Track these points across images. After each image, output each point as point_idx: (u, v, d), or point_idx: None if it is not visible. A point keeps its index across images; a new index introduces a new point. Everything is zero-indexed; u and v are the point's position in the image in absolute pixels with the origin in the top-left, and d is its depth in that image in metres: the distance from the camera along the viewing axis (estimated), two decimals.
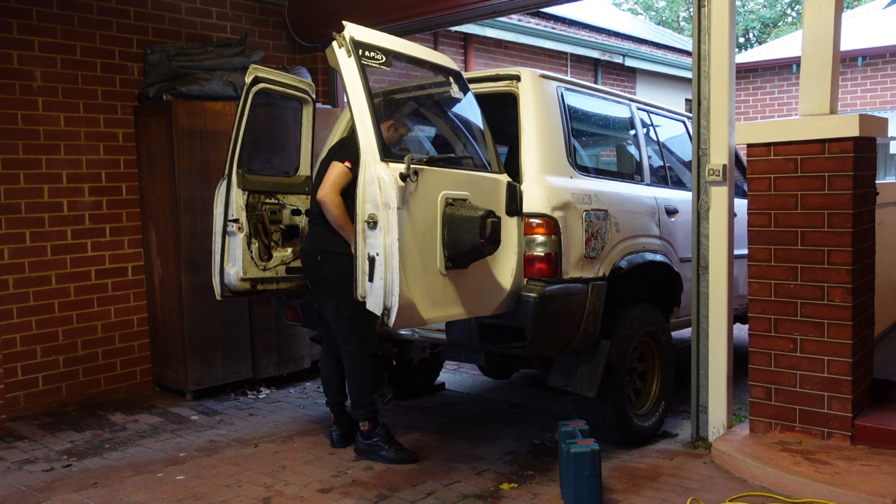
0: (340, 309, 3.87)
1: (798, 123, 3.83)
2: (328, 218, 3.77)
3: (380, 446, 3.99)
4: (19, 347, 4.90)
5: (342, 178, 3.74)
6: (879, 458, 3.56)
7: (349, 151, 3.72)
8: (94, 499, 3.58)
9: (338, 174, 3.74)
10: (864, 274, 3.88)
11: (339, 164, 3.75)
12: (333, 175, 3.74)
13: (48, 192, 5.00)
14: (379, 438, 4.00)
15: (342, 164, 3.74)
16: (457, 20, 6.10)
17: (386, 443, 4.00)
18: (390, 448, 3.98)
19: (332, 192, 3.72)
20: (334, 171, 3.74)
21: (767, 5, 27.42)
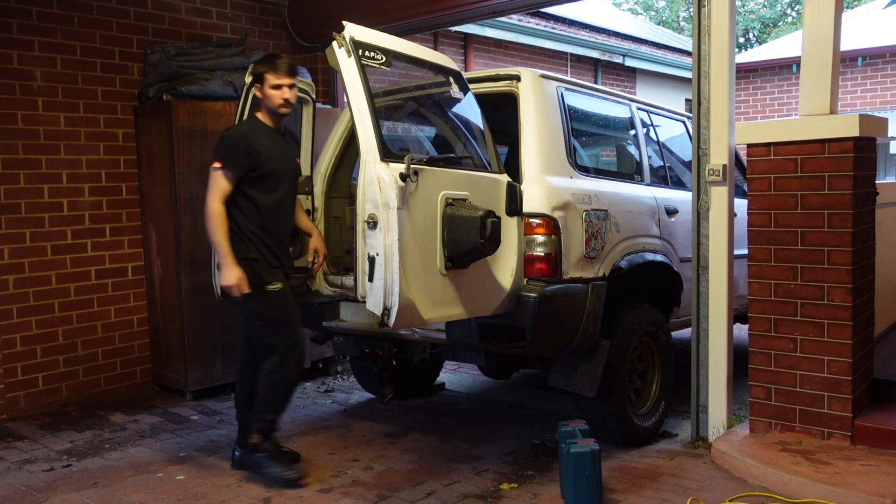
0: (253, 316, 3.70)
1: (798, 123, 3.83)
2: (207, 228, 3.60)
3: (265, 463, 3.70)
4: (19, 347, 4.90)
5: (217, 183, 3.56)
6: (879, 458, 3.56)
7: (218, 148, 3.62)
8: (94, 499, 3.58)
9: (213, 181, 3.57)
10: (864, 274, 3.88)
11: (212, 169, 3.57)
12: (210, 182, 3.57)
13: (48, 192, 4.99)
14: (266, 455, 3.71)
15: (213, 165, 3.58)
16: (457, 20, 6.10)
17: (272, 459, 3.71)
18: (276, 465, 3.69)
19: (211, 201, 3.55)
20: (210, 179, 3.58)
21: (767, 5, 27.41)
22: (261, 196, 3.64)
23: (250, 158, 3.57)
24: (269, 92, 3.65)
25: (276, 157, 3.67)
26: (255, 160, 3.58)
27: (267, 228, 3.66)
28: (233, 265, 3.52)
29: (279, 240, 3.72)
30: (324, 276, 4.35)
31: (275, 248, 3.68)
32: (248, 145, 3.58)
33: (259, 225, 3.64)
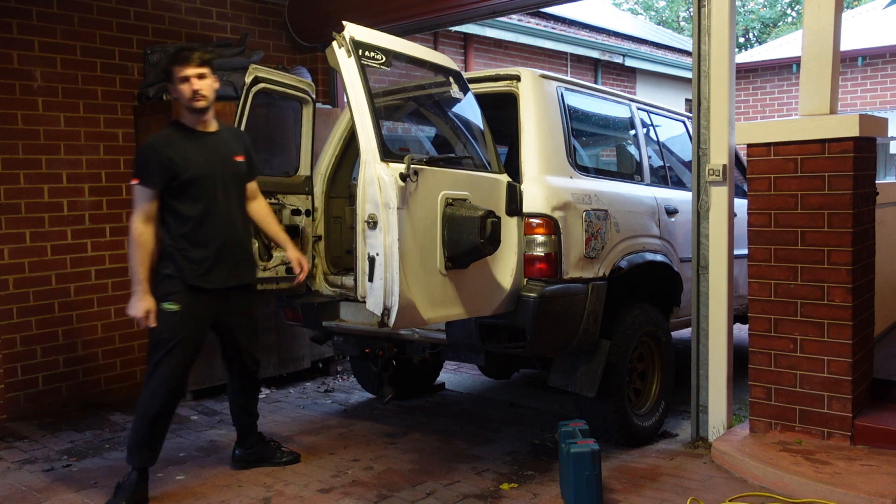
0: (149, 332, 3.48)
1: (798, 123, 3.83)
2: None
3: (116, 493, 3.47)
4: (19, 347, 4.90)
5: (137, 201, 3.36)
6: (879, 458, 3.56)
7: (134, 162, 3.42)
8: (94, 499, 3.58)
9: (134, 199, 3.37)
10: (864, 274, 3.88)
11: (132, 187, 3.37)
12: (134, 201, 3.38)
13: (48, 192, 4.99)
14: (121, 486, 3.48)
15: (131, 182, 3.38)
16: (457, 20, 6.10)
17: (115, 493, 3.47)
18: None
19: (133, 220, 3.35)
20: (133, 197, 3.38)
21: (767, 5, 27.41)
22: (185, 206, 3.38)
23: (164, 168, 3.32)
24: (177, 87, 3.39)
25: (197, 162, 3.39)
26: (171, 169, 3.33)
27: (194, 241, 3.39)
28: (142, 294, 3.32)
29: (212, 252, 3.43)
30: (324, 276, 4.36)
31: (202, 262, 3.40)
32: (160, 155, 3.33)
33: (184, 238, 3.39)
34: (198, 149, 3.42)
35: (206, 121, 3.49)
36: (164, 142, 3.39)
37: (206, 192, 3.40)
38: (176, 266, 3.38)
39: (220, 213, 3.45)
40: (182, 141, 3.40)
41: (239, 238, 3.55)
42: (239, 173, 3.56)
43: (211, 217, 3.42)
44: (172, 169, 3.32)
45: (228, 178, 3.49)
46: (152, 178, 3.33)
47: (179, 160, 3.34)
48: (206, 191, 3.40)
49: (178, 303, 3.39)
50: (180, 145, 3.38)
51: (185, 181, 3.35)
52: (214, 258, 3.42)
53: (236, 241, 3.52)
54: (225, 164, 3.50)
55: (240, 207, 3.57)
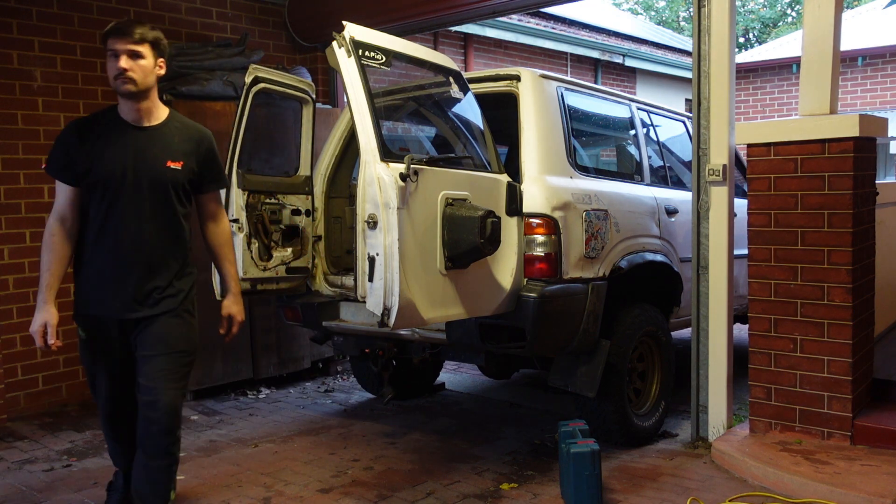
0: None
1: (798, 123, 3.83)
2: None
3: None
4: (19, 347, 4.90)
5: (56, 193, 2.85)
6: (879, 458, 3.56)
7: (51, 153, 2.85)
8: (94, 499, 3.58)
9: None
10: (864, 274, 3.88)
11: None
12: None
13: (48, 192, 4.99)
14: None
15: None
16: (457, 20, 6.10)
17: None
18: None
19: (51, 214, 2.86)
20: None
21: (767, 5, 27.41)
22: (92, 211, 2.84)
23: (65, 161, 2.79)
24: (107, 62, 2.83)
25: (108, 159, 2.77)
26: (72, 163, 2.78)
27: (91, 255, 2.88)
28: (41, 305, 2.85)
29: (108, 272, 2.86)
30: (324, 276, 4.36)
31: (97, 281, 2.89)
32: (64, 144, 2.81)
33: (88, 248, 2.89)
34: (117, 144, 2.81)
35: (141, 111, 2.85)
36: (79, 129, 2.82)
37: (114, 197, 2.79)
38: (79, 280, 2.95)
39: (125, 226, 2.81)
40: (103, 131, 2.82)
41: (148, 261, 2.86)
42: (162, 181, 2.85)
43: (111, 230, 2.81)
44: (73, 164, 2.78)
45: (146, 185, 2.82)
46: (55, 167, 2.82)
47: (83, 155, 2.76)
48: (114, 196, 2.79)
49: (81, 328, 2.97)
50: (97, 136, 2.80)
51: (91, 182, 2.79)
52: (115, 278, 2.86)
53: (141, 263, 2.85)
54: (144, 168, 2.82)
55: (160, 224, 2.88)
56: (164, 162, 2.86)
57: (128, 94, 2.80)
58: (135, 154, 2.82)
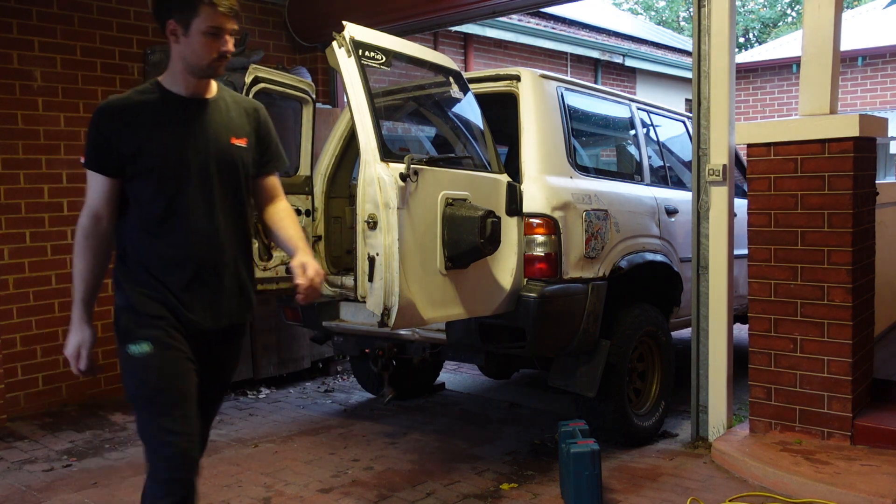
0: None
1: (798, 123, 3.83)
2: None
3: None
4: (19, 347, 4.90)
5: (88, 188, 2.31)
6: (879, 458, 3.56)
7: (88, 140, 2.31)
8: (94, 499, 3.58)
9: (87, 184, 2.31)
10: (864, 274, 3.88)
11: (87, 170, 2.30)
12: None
13: (48, 192, 4.99)
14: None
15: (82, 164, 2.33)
16: (457, 20, 6.10)
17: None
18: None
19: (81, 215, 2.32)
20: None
21: (767, 5, 27.41)
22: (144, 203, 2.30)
23: (109, 147, 2.26)
24: (193, 38, 2.24)
25: (168, 139, 2.29)
26: (120, 149, 2.25)
27: (153, 252, 2.34)
28: (77, 324, 2.39)
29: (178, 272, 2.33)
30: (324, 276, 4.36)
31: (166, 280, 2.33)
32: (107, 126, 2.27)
33: (142, 247, 2.35)
34: (172, 122, 2.32)
35: (201, 84, 2.35)
36: (118, 109, 2.31)
37: (175, 184, 2.29)
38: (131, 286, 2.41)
39: (194, 219, 2.32)
40: (149, 108, 2.32)
41: (224, 258, 2.38)
42: (231, 162, 2.39)
43: (177, 225, 2.31)
44: (117, 151, 2.25)
45: (214, 167, 2.34)
46: (96, 157, 2.28)
47: (128, 138, 2.26)
48: (174, 183, 2.29)
49: (146, 339, 2.31)
50: (143, 114, 2.30)
51: (142, 169, 2.27)
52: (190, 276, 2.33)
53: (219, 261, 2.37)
54: (210, 147, 2.35)
55: (231, 214, 2.41)
56: (228, 139, 2.40)
57: (216, 77, 2.38)
58: (197, 131, 2.33)
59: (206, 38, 2.24)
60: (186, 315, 2.33)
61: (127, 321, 2.38)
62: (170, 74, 2.34)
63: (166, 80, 2.34)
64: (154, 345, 2.29)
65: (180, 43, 2.26)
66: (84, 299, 2.41)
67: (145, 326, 2.32)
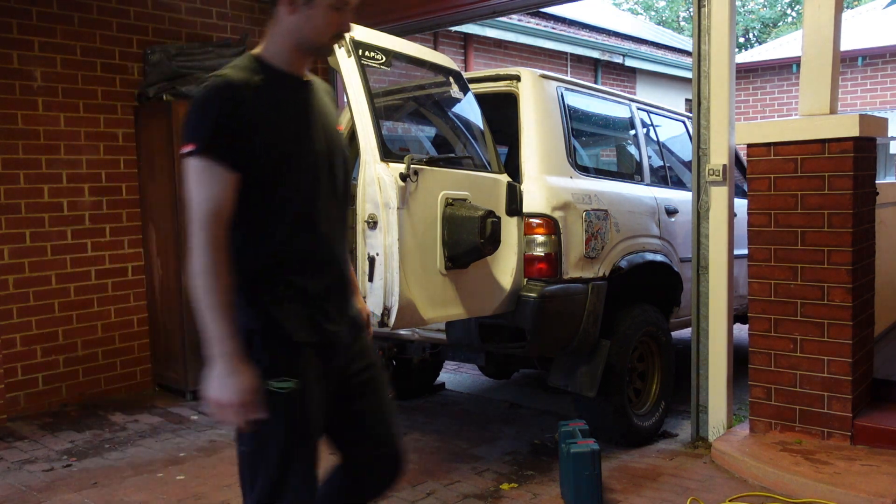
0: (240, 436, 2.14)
1: (798, 123, 3.83)
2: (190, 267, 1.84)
3: None
4: (19, 347, 4.90)
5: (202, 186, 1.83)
6: (879, 458, 3.56)
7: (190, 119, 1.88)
8: (94, 499, 3.58)
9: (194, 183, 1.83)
10: (864, 274, 3.88)
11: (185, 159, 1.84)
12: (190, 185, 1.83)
13: (48, 192, 4.99)
14: None
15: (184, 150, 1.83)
16: (457, 20, 6.10)
17: None
18: None
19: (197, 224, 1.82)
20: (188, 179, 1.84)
21: (767, 5, 27.41)
22: (281, 198, 1.92)
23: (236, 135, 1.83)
24: (322, 12, 1.91)
25: (297, 126, 1.96)
26: (251, 137, 1.84)
27: (293, 260, 1.96)
28: (233, 361, 1.87)
29: (318, 276, 1.99)
30: None
31: (308, 288, 1.96)
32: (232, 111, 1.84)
33: (275, 252, 1.93)
34: (296, 106, 1.98)
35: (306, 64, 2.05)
36: (246, 89, 1.86)
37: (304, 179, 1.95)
38: (267, 306, 1.93)
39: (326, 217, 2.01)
40: (271, 91, 1.92)
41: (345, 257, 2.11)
42: (343, 151, 2.12)
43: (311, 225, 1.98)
44: (246, 139, 1.84)
45: (335, 158, 2.05)
46: (220, 151, 1.82)
47: (257, 124, 1.86)
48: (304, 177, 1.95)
49: (293, 374, 1.93)
50: (270, 98, 1.91)
51: (276, 160, 1.89)
52: (327, 286, 2.01)
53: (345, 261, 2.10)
54: (328, 134, 2.04)
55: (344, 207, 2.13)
56: (336, 125, 2.13)
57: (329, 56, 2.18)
58: (315, 117, 2.03)
59: (330, 12, 1.92)
60: (329, 327, 2.00)
61: (265, 349, 1.93)
62: (272, 50, 1.97)
63: (269, 56, 1.96)
64: (300, 379, 1.93)
65: (297, 14, 1.91)
66: (231, 332, 1.86)
67: (289, 356, 1.94)
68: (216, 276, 1.81)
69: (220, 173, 1.81)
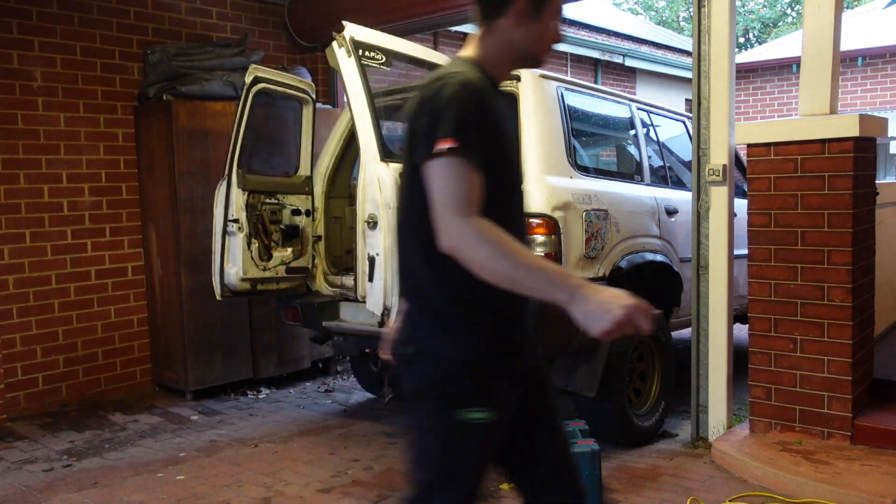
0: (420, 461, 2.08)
1: (798, 123, 3.83)
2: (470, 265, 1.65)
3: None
4: (19, 347, 4.90)
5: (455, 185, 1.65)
6: (879, 458, 3.56)
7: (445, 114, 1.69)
8: (94, 499, 3.58)
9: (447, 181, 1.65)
10: (864, 274, 3.88)
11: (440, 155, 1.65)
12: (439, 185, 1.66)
13: (48, 192, 4.99)
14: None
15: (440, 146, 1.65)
16: (457, 20, 6.10)
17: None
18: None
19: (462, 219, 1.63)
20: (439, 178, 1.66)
21: (767, 5, 27.42)
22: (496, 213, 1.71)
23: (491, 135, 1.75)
24: (549, 24, 1.90)
25: (512, 137, 1.91)
26: (495, 140, 1.76)
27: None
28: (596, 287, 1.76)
29: (520, 300, 1.89)
30: (324, 276, 4.36)
31: (513, 315, 1.93)
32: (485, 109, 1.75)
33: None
34: (507, 116, 1.91)
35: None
36: (489, 93, 1.79)
37: (511, 192, 1.86)
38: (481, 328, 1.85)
39: (519, 231, 1.87)
40: (493, 95, 1.84)
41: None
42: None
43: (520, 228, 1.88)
44: (495, 140, 1.76)
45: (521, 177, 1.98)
46: (478, 146, 1.69)
47: (497, 128, 1.79)
48: (511, 190, 1.86)
49: (489, 407, 1.82)
50: (496, 104, 1.82)
51: (500, 170, 1.78)
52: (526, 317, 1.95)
53: None
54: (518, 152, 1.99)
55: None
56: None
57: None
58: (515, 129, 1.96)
59: (555, 23, 1.89)
60: (525, 356, 1.92)
61: (468, 381, 1.81)
62: (488, 59, 1.89)
63: (485, 64, 1.88)
64: (496, 412, 1.82)
65: (524, 26, 1.86)
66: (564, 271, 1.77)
67: (492, 390, 1.83)
68: (509, 248, 1.65)
69: (474, 171, 1.67)
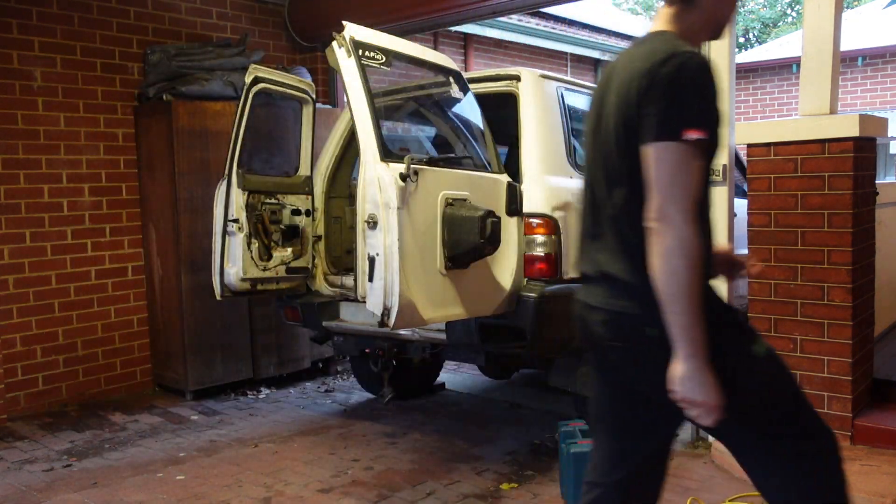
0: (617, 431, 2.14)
1: (798, 123, 3.83)
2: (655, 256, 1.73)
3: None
4: (19, 347, 4.90)
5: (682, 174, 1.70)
6: (879, 458, 3.56)
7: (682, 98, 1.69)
8: (94, 499, 3.58)
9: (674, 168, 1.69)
10: (864, 274, 3.88)
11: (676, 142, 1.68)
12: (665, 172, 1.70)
13: (48, 192, 4.99)
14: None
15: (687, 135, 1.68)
16: (457, 20, 6.11)
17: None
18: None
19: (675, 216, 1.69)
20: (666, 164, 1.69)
21: (767, 5, 27.41)
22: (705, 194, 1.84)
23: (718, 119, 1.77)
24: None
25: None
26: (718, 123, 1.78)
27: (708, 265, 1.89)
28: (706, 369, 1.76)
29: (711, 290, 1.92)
30: (324, 276, 4.36)
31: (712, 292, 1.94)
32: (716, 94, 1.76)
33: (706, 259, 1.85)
34: None
35: None
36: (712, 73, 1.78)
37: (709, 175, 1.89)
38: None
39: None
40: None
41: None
42: None
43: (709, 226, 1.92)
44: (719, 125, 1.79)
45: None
46: (714, 132, 1.75)
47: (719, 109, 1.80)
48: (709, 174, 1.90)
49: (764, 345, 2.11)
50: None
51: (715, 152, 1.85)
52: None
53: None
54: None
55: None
56: None
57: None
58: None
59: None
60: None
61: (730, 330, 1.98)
62: (688, 34, 1.88)
63: (686, 40, 1.85)
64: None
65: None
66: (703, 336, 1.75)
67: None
68: (697, 273, 1.70)
69: (698, 160, 1.71)
